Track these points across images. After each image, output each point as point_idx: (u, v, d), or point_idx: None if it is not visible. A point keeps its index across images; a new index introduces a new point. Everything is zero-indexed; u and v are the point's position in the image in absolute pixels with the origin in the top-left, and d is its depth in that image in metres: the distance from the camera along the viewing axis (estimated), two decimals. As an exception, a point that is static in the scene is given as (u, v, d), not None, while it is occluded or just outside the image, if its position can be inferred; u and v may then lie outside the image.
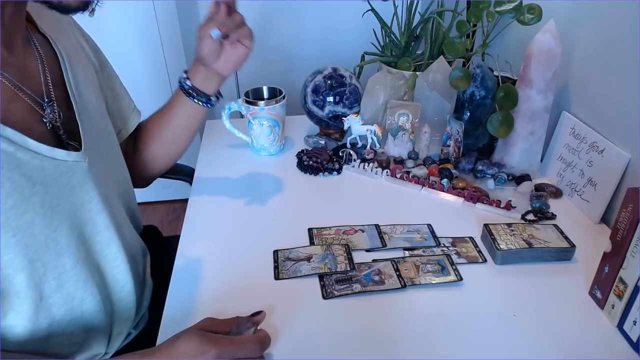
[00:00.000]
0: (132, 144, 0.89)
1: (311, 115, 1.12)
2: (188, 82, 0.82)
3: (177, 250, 0.79)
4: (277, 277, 0.73)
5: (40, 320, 0.60)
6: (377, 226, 0.84)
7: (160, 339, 0.63)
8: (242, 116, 1.07)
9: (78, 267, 0.63)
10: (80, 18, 0.61)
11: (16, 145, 0.54)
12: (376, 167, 1.01)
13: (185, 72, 0.83)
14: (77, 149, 0.63)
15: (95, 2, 0.56)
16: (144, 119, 0.91)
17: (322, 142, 1.11)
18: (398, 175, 0.98)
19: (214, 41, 0.74)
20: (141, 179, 0.92)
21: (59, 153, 0.59)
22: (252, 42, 0.78)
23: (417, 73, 1.08)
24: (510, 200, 0.89)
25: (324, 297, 0.69)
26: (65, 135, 0.62)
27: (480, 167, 0.97)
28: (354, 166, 1.03)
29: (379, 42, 1.23)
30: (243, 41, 0.77)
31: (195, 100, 0.83)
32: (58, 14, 0.57)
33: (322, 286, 0.71)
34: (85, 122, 0.66)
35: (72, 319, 0.64)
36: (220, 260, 0.77)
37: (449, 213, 0.89)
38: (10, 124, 0.54)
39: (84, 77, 0.70)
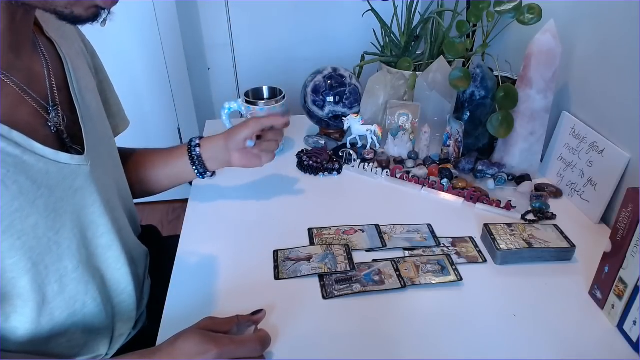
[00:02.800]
0: None
1: (311, 115, 1.12)
2: (198, 150, 0.85)
3: (177, 250, 0.79)
4: (277, 277, 0.73)
5: (43, 323, 0.60)
6: (377, 226, 0.84)
7: (160, 338, 0.63)
8: (242, 116, 1.07)
9: (79, 270, 0.63)
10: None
11: (22, 149, 0.54)
12: (376, 167, 1.01)
13: (200, 137, 0.86)
14: (80, 152, 0.63)
15: (107, 13, 0.56)
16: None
17: (322, 142, 1.11)
18: (398, 175, 0.98)
19: (255, 132, 0.82)
20: None
21: (63, 156, 0.59)
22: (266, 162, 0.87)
23: (417, 73, 1.08)
24: (510, 200, 0.89)
25: (324, 297, 0.69)
26: (68, 139, 0.63)
27: (480, 167, 0.97)
28: (354, 166, 1.03)
29: (379, 42, 1.23)
30: (263, 157, 0.86)
31: (194, 167, 0.85)
32: None
33: (322, 286, 0.71)
34: (88, 125, 0.66)
35: (73, 322, 0.64)
36: (220, 260, 0.77)
37: (449, 213, 0.89)
38: (17, 128, 0.54)
39: (85, 81, 0.70)
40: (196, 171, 0.86)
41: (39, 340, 0.61)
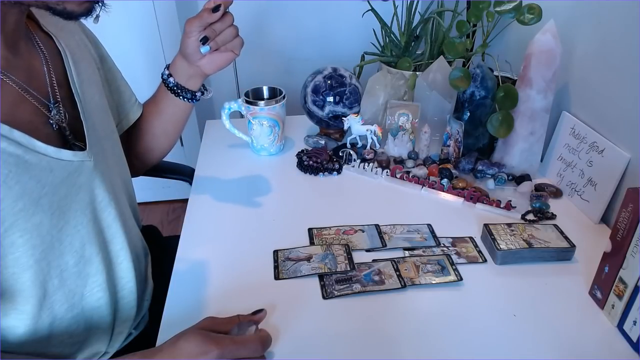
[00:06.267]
0: (125, 138, 0.88)
1: (311, 115, 1.12)
2: (172, 80, 0.81)
3: (177, 250, 0.79)
4: (277, 277, 0.73)
5: (43, 318, 0.60)
6: (377, 226, 0.84)
7: (161, 339, 0.63)
8: (242, 116, 1.07)
9: (81, 265, 0.63)
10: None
11: (24, 148, 0.54)
12: (376, 167, 1.01)
13: (167, 66, 0.82)
14: (82, 148, 0.63)
15: (100, 8, 0.56)
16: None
17: (322, 142, 1.11)
18: (398, 175, 0.98)
19: (196, 33, 0.73)
20: (133, 171, 0.92)
21: (66, 154, 0.59)
22: (241, 49, 0.78)
23: (417, 73, 1.08)
24: (510, 200, 0.89)
25: (324, 297, 0.69)
26: (71, 135, 0.63)
27: (480, 167, 0.97)
28: (354, 166, 1.03)
29: (379, 42, 1.23)
30: (234, 50, 0.77)
31: (180, 97, 0.82)
32: None
33: (322, 286, 0.71)
34: (89, 121, 0.66)
35: (73, 315, 0.64)
36: (221, 260, 0.77)
37: (449, 213, 0.89)
38: (18, 127, 0.54)
39: (87, 74, 0.70)
40: (184, 99, 0.82)
41: (39, 337, 0.61)
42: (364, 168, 1.01)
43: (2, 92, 0.55)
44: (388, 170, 1.00)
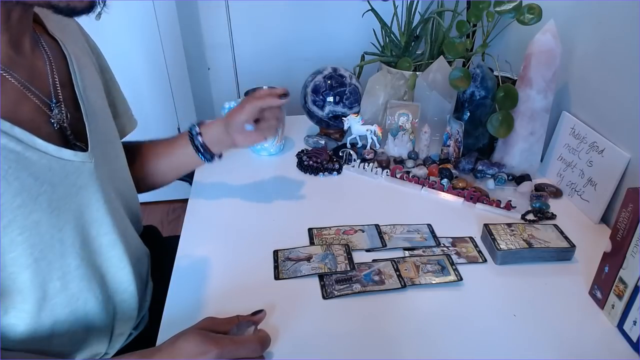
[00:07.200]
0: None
1: (311, 115, 1.12)
2: (200, 139, 0.84)
3: (177, 250, 0.79)
4: (277, 277, 0.73)
5: (43, 319, 0.60)
6: (377, 226, 0.84)
7: (160, 338, 0.63)
8: (242, 116, 1.07)
9: (82, 268, 0.63)
10: (80, 18, 0.61)
11: (24, 145, 0.54)
12: (376, 167, 1.01)
13: (199, 124, 0.85)
14: (84, 150, 0.63)
15: (102, 4, 0.56)
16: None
17: (322, 142, 1.11)
18: (398, 175, 0.98)
19: (253, 115, 0.80)
20: None
21: (66, 153, 0.59)
22: (271, 135, 0.87)
23: (417, 73, 1.08)
24: (510, 200, 0.89)
25: (324, 297, 0.69)
26: (72, 136, 0.63)
27: (480, 167, 0.97)
28: (354, 166, 1.03)
29: (379, 42, 1.24)
30: (265, 134, 0.84)
31: (199, 155, 0.85)
32: (65, 18, 0.57)
33: (322, 286, 0.71)
34: (92, 123, 0.66)
35: (75, 319, 0.64)
36: (221, 260, 0.77)
37: (449, 213, 0.89)
38: (19, 124, 0.54)
39: (90, 80, 0.70)
40: (202, 158, 0.85)
41: (39, 336, 0.61)
42: (364, 168, 1.01)
43: (4, 89, 0.55)
44: (388, 170, 1.00)
